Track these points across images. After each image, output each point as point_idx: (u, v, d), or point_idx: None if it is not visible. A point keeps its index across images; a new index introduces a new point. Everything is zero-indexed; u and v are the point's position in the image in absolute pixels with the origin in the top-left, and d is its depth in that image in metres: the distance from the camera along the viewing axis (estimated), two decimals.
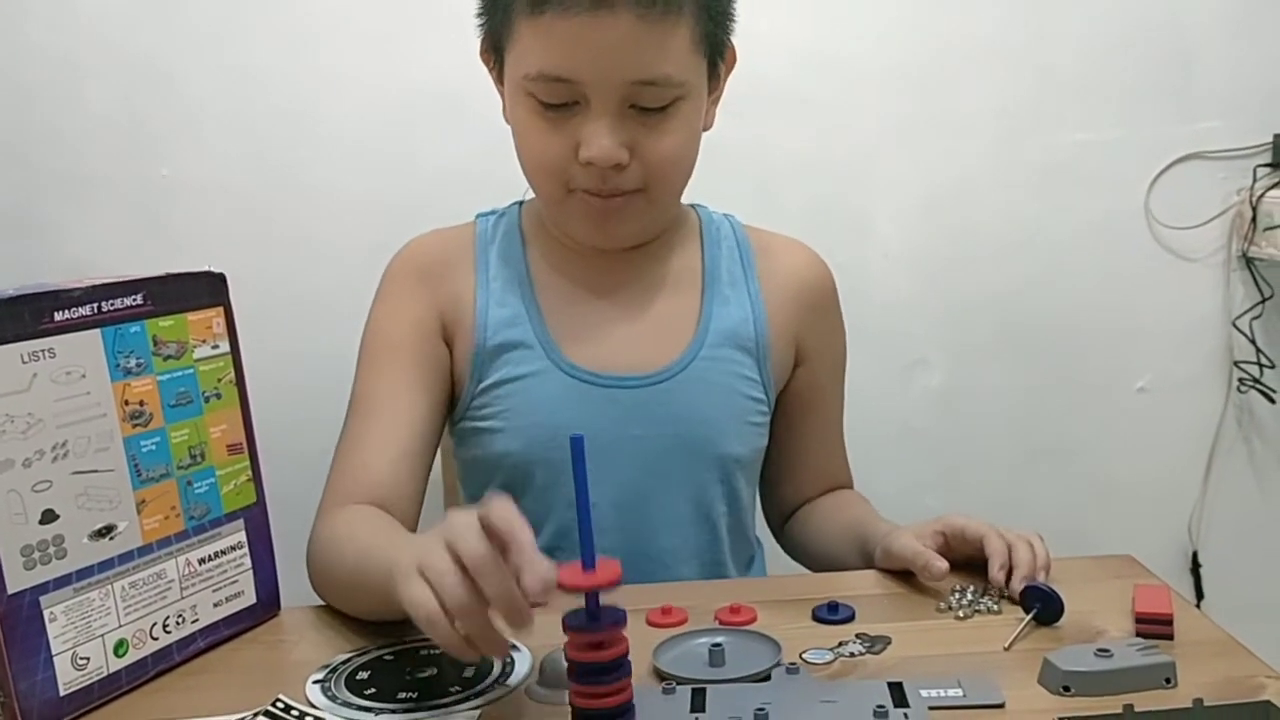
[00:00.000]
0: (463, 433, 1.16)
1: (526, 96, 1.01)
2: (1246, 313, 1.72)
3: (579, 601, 0.71)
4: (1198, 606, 1.67)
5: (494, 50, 1.07)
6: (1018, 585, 0.93)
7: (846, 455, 1.28)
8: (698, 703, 0.77)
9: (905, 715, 0.74)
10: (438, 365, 1.13)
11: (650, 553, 1.13)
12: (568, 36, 0.96)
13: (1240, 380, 1.74)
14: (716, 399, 1.13)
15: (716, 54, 1.06)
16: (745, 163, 1.61)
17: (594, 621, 0.70)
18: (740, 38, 1.08)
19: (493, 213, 1.20)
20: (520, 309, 1.13)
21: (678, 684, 0.79)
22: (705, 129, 1.10)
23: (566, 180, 1.04)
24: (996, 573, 0.95)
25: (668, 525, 1.13)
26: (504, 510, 0.71)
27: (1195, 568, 1.79)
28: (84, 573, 0.83)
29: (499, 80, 1.08)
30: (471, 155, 1.58)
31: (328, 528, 1.01)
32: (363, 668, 0.88)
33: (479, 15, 1.07)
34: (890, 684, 0.79)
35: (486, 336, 1.11)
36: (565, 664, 0.73)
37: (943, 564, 0.97)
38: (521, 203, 1.21)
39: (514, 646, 0.89)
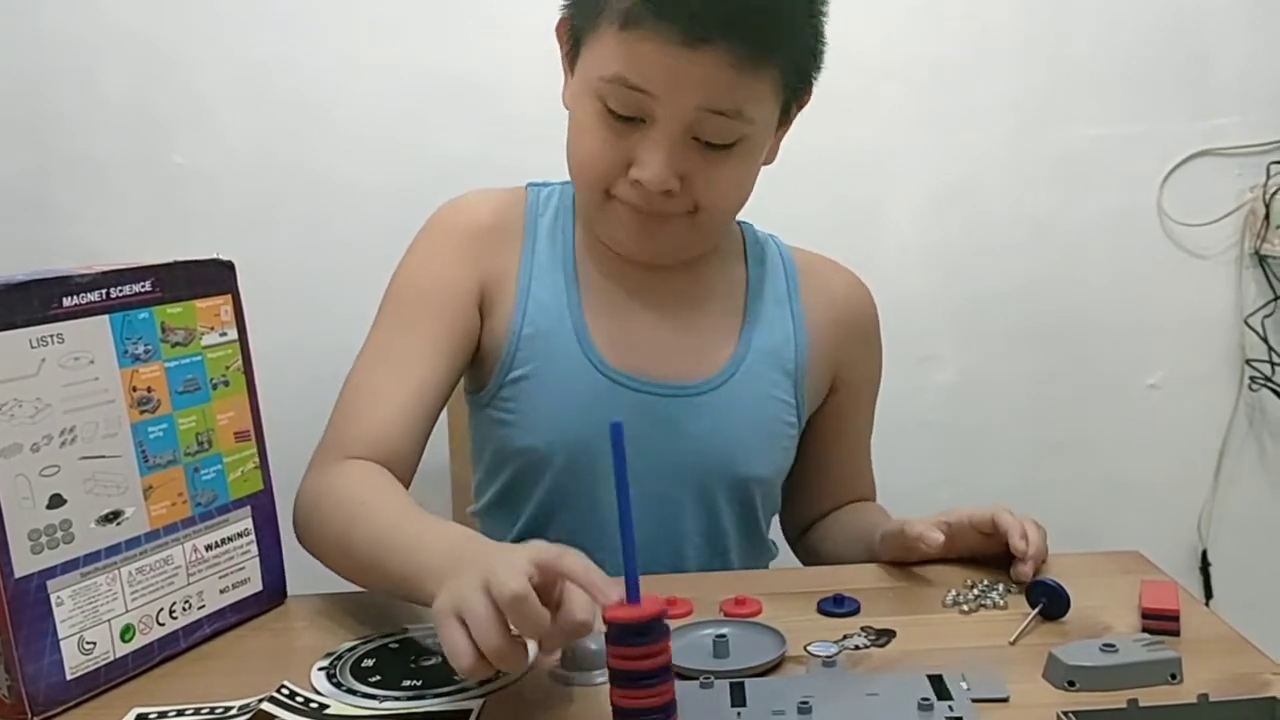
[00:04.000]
0: (485, 419, 1.14)
1: (595, 98, 0.99)
2: (1259, 310, 1.71)
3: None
4: (1207, 605, 1.66)
5: (572, 39, 1.04)
6: (1027, 569, 0.96)
7: (871, 469, 1.28)
8: (738, 697, 0.76)
9: (950, 707, 0.73)
10: (466, 331, 1.09)
11: (651, 566, 1.12)
12: (653, 60, 0.94)
13: (1252, 378, 1.73)
14: (749, 418, 1.12)
15: (793, 99, 1.05)
16: None
17: (639, 636, 0.68)
18: None
19: (544, 185, 1.17)
20: (562, 299, 1.10)
21: (715, 678, 0.78)
22: (767, 163, 1.08)
23: (609, 187, 1.03)
24: (1019, 541, 0.96)
25: (674, 540, 1.12)
26: (548, 551, 0.72)
27: (1205, 566, 1.78)
28: (91, 557, 0.83)
29: (568, 59, 1.06)
30: (484, 143, 1.59)
31: (327, 480, 0.99)
32: (368, 655, 0.88)
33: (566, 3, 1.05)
34: (930, 676, 0.78)
35: (524, 322, 1.09)
36: (589, 648, 0.73)
37: (937, 534, 0.97)
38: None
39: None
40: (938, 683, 0.77)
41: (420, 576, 0.80)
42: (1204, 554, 1.79)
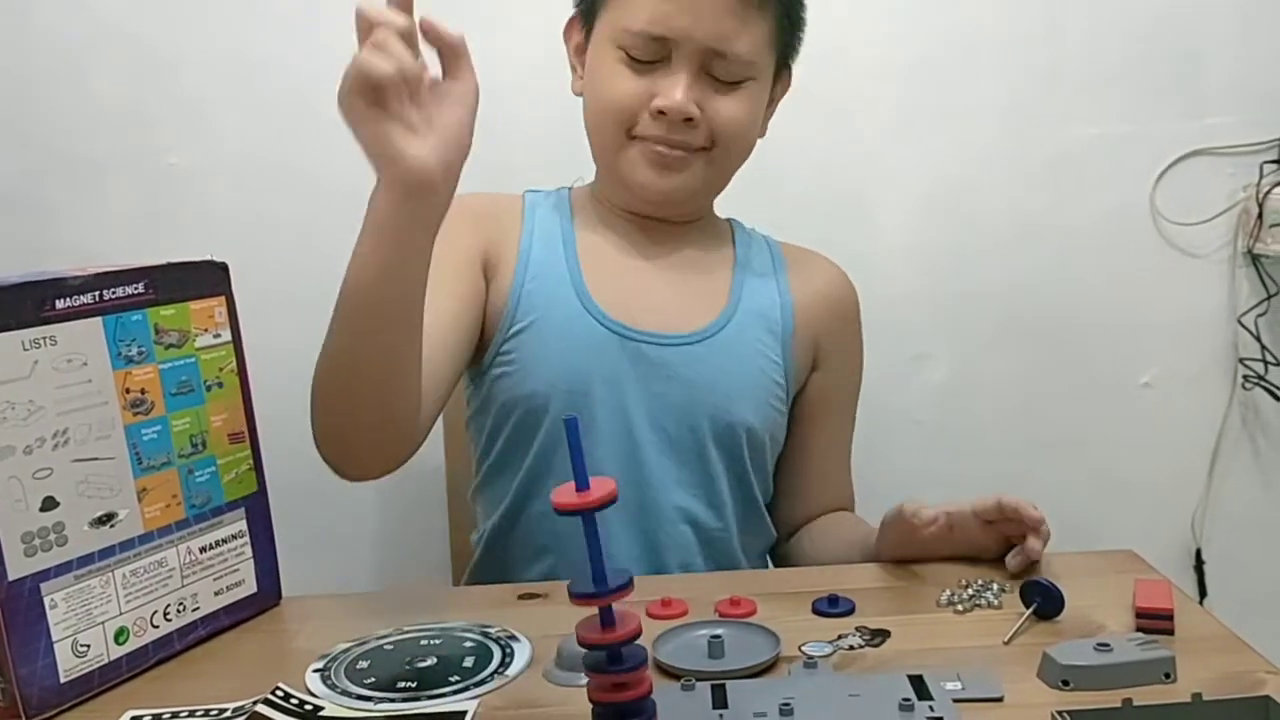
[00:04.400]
0: (487, 382, 1.17)
1: (616, 49, 1.11)
2: (1252, 309, 1.71)
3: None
4: (1201, 604, 1.66)
5: (585, 15, 1.17)
6: (1036, 546, 0.99)
7: (851, 478, 1.30)
8: (719, 699, 0.76)
9: (931, 707, 0.74)
10: (476, 290, 1.15)
11: (648, 508, 1.14)
12: (674, 4, 1.07)
13: (1245, 377, 1.73)
14: (739, 366, 1.18)
15: (782, 63, 1.19)
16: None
17: (615, 664, 0.68)
18: None
19: (540, 191, 1.26)
20: (560, 256, 1.18)
21: (696, 680, 0.79)
22: (760, 136, 1.20)
23: (632, 127, 1.12)
24: (1032, 511, 0.99)
25: (669, 485, 1.15)
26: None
27: (1199, 565, 1.79)
28: (85, 560, 0.83)
29: (579, 51, 1.18)
30: (477, 144, 1.58)
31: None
32: (362, 657, 0.88)
33: None
34: (910, 676, 0.78)
35: (525, 279, 1.16)
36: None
37: (930, 511, 0.99)
38: (570, 188, 1.26)
39: (513, 637, 0.89)
40: (919, 683, 0.77)
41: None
42: (1198, 553, 1.79)
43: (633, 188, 1.16)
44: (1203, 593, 1.78)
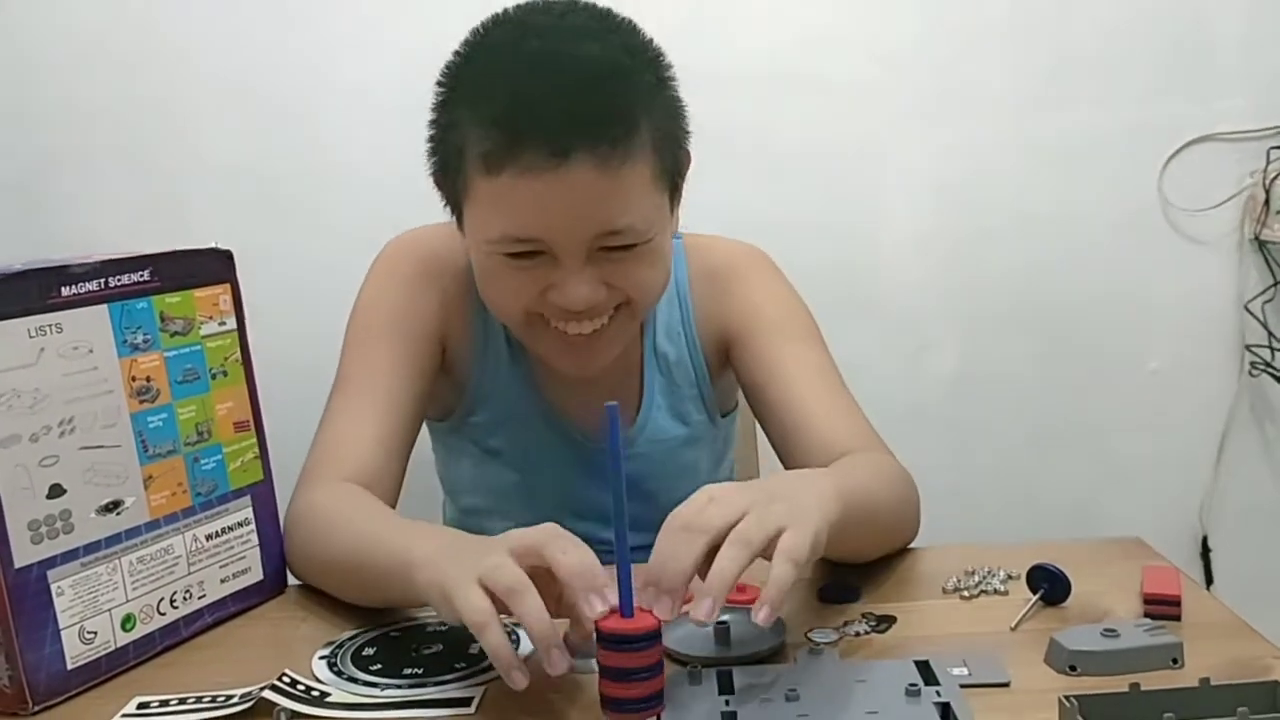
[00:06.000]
0: (456, 436, 1.21)
1: (488, 256, 0.99)
2: (1258, 296, 1.71)
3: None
4: (1208, 590, 1.66)
5: (448, 196, 1.03)
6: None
7: (851, 420, 1.14)
8: (725, 686, 0.76)
9: (938, 693, 0.74)
10: (430, 358, 1.12)
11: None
12: (529, 197, 0.92)
13: (1252, 364, 1.73)
14: (661, 469, 1.17)
15: (677, 175, 1.03)
16: (755, 144, 1.60)
17: (630, 643, 0.69)
18: (754, 17, 1.07)
19: None
20: (507, 348, 1.15)
21: (702, 666, 0.78)
22: (673, 234, 1.07)
23: (534, 312, 1.02)
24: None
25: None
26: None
27: (1205, 552, 1.79)
28: (91, 547, 0.83)
29: (453, 210, 1.04)
30: None
31: (308, 501, 1.00)
32: (369, 644, 0.88)
33: (430, 151, 1.02)
34: (917, 662, 0.78)
35: (482, 367, 1.15)
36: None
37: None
38: None
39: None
40: (925, 669, 0.77)
41: (409, 563, 0.81)
42: (1205, 540, 1.79)
43: (552, 366, 1.08)
44: (1209, 579, 1.78)
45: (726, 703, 0.74)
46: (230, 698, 0.79)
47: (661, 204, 1.00)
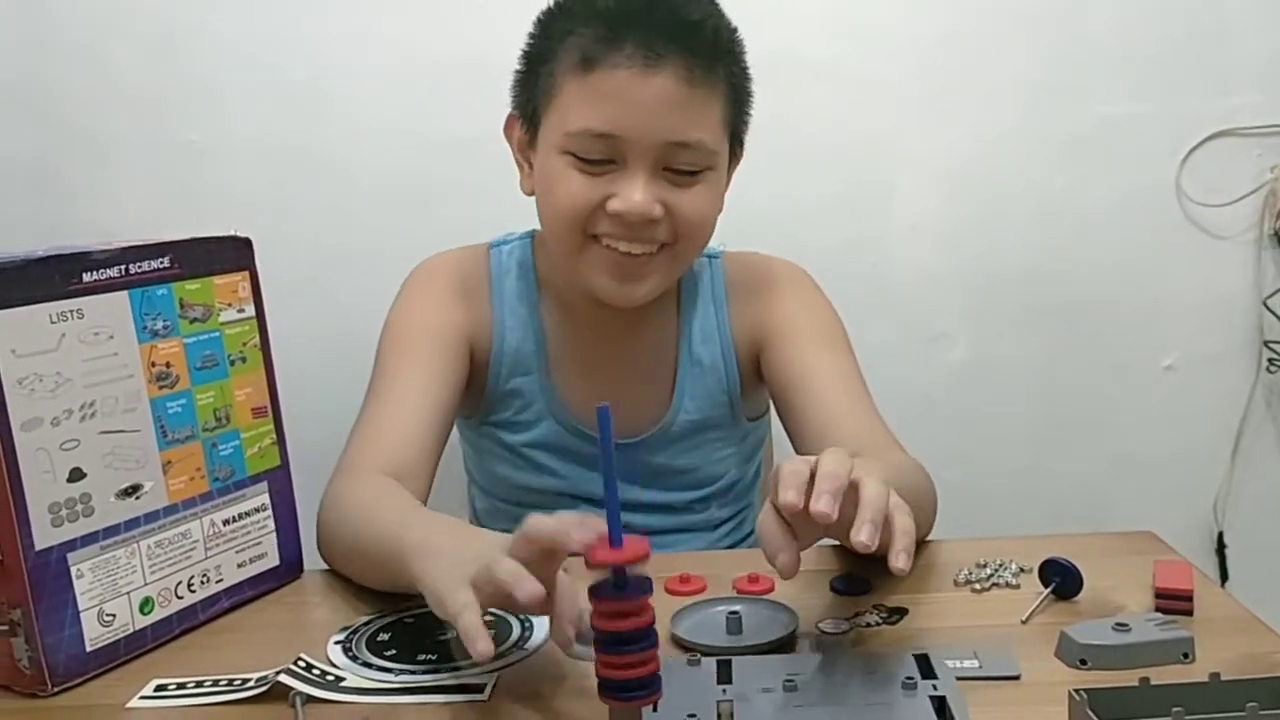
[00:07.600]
0: (480, 435, 1.26)
1: (563, 154, 1.04)
2: (1277, 292, 1.69)
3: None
4: (1223, 587, 1.66)
5: (528, 117, 1.10)
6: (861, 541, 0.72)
7: (873, 426, 1.16)
8: (724, 674, 0.77)
9: (934, 686, 0.74)
10: (460, 362, 1.17)
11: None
12: (616, 92, 1.01)
13: (1270, 360, 1.72)
14: (685, 460, 1.22)
15: (735, 141, 1.12)
16: (769, 134, 1.59)
17: (619, 590, 0.68)
18: (768, 8, 1.08)
19: (505, 242, 1.23)
20: (531, 352, 1.20)
21: (703, 655, 0.79)
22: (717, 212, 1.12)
23: (590, 229, 1.06)
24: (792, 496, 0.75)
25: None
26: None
27: (1221, 548, 1.78)
28: (110, 531, 0.84)
29: (523, 149, 1.12)
30: (497, 125, 1.58)
31: (341, 493, 1.02)
32: (384, 629, 0.89)
33: (515, 85, 1.11)
34: (916, 655, 0.79)
35: (501, 374, 1.19)
36: None
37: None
38: (533, 234, 1.22)
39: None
40: (924, 662, 0.78)
41: (405, 555, 0.82)
42: (1220, 536, 1.78)
43: (594, 290, 1.11)
44: (1224, 576, 1.77)
45: (724, 691, 0.74)
46: (246, 681, 0.80)
47: (723, 146, 1.09)
